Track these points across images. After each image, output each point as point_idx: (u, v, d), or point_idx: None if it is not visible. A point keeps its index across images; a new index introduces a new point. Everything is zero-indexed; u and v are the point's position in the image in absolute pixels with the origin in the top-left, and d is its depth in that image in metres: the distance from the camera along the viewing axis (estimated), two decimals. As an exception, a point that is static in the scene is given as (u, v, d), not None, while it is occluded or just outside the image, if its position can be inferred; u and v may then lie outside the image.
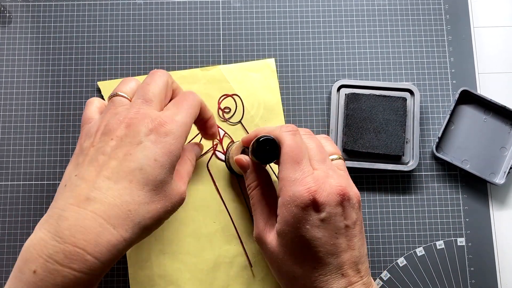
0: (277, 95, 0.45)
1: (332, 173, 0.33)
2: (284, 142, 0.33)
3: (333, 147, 0.36)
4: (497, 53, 0.46)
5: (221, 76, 0.45)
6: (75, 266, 0.27)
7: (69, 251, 0.27)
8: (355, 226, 0.32)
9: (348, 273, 0.31)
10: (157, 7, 0.47)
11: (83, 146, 0.32)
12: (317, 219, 0.31)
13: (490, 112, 0.44)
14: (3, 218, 0.43)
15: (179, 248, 0.41)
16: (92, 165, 0.30)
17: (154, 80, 0.33)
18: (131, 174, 0.29)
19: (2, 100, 0.45)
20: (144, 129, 0.31)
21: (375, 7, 0.47)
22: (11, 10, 0.47)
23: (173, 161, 0.31)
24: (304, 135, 0.35)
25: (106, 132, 0.31)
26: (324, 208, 0.31)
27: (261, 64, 0.45)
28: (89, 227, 0.27)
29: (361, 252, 0.32)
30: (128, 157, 0.30)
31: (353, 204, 0.32)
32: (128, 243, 0.29)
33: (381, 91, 0.44)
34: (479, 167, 0.44)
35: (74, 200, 0.28)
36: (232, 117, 0.44)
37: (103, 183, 0.29)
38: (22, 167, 0.44)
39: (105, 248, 0.28)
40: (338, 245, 0.31)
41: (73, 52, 0.46)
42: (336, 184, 0.32)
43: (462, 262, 0.43)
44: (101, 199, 0.28)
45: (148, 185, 0.30)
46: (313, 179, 0.32)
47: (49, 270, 0.27)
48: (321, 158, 0.34)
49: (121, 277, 0.42)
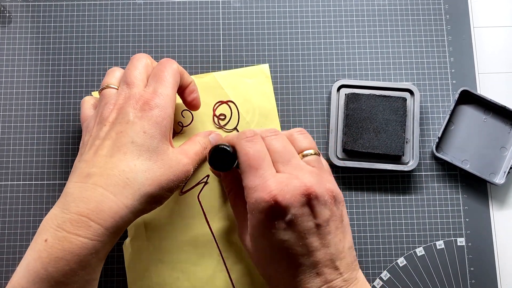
0: (272, 101, 0.44)
1: (297, 173, 0.32)
2: (240, 150, 0.33)
3: (306, 141, 0.35)
4: (497, 53, 0.46)
5: (215, 83, 0.44)
6: (80, 233, 0.30)
7: (74, 219, 0.30)
8: (328, 223, 0.31)
9: (324, 271, 0.30)
10: (157, 7, 0.47)
11: (84, 140, 0.35)
12: (282, 222, 0.30)
13: (490, 112, 0.44)
14: (3, 218, 0.43)
15: (178, 257, 0.41)
16: (91, 149, 0.33)
17: (133, 65, 0.36)
18: (125, 147, 0.33)
19: (2, 100, 0.45)
20: (131, 109, 0.34)
21: (375, 7, 0.47)
22: (11, 10, 0.47)
23: (162, 131, 0.34)
24: (268, 136, 0.34)
25: (101, 121, 0.34)
26: (288, 210, 0.30)
27: (255, 70, 0.45)
28: (91, 196, 0.31)
29: (338, 248, 0.31)
30: (120, 135, 0.33)
31: (324, 201, 0.31)
32: (131, 210, 0.32)
33: (381, 91, 0.44)
34: (479, 167, 0.44)
35: (77, 178, 0.32)
36: (227, 123, 0.44)
37: (100, 159, 0.32)
38: (22, 167, 0.44)
39: (107, 215, 0.30)
40: (308, 245, 0.30)
41: (73, 52, 0.46)
42: (299, 185, 0.31)
43: (462, 262, 0.43)
44: (100, 172, 0.32)
45: (142, 155, 0.33)
46: (274, 183, 0.31)
47: (58, 237, 0.29)
48: (286, 160, 0.33)
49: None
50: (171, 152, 0.35)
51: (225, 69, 0.45)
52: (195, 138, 0.40)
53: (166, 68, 0.36)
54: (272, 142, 0.34)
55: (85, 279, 0.31)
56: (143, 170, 0.32)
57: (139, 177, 0.32)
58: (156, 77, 0.35)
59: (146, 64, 0.37)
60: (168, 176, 0.34)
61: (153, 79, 0.36)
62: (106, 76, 0.38)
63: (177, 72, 0.37)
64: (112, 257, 0.42)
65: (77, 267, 0.30)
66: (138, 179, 0.32)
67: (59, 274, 0.29)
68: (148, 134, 0.33)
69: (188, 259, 0.41)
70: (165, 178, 0.34)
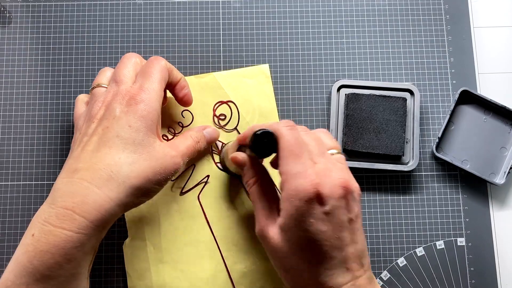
0: (272, 101, 0.44)
1: (332, 167, 0.32)
2: (283, 136, 0.33)
3: (332, 141, 0.36)
4: (497, 53, 0.46)
5: (215, 83, 0.44)
6: (65, 226, 0.30)
7: (60, 213, 0.30)
8: (357, 219, 0.32)
9: (353, 267, 0.31)
10: (157, 7, 0.47)
11: (74, 138, 0.36)
12: (321, 212, 0.30)
13: (490, 112, 0.44)
14: (3, 218, 0.43)
15: (178, 257, 0.41)
16: (79, 146, 0.34)
17: (123, 63, 0.37)
18: (110, 141, 0.33)
19: (2, 100, 0.45)
20: (118, 105, 0.34)
21: (375, 7, 0.47)
22: (11, 10, 0.47)
23: (148, 124, 0.34)
24: (301, 131, 0.35)
25: (89, 119, 0.35)
26: (328, 201, 0.30)
27: (255, 70, 0.45)
28: (76, 190, 0.31)
29: (364, 245, 0.32)
30: (106, 130, 0.34)
31: (355, 197, 0.32)
32: (116, 203, 0.32)
33: (381, 91, 0.44)
34: (479, 167, 0.44)
35: (65, 174, 0.33)
36: (227, 124, 0.44)
37: (86, 154, 0.33)
38: (22, 167, 0.44)
39: (92, 207, 0.31)
40: (342, 239, 0.31)
41: (73, 52, 0.46)
42: (338, 177, 0.31)
43: (462, 262, 0.43)
44: (86, 167, 0.32)
45: (127, 148, 0.33)
46: (314, 172, 0.31)
47: (44, 231, 0.30)
48: (320, 152, 0.33)
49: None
50: (158, 145, 0.35)
51: (225, 69, 0.45)
52: (187, 132, 0.40)
53: (153, 65, 0.36)
54: (305, 136, 0.34)
55: (70, 272, 0.31)
56: (128, 163, 0.33)
57: (124, 170, 0.33)
58: (143, 74, 0.36)
59: (135, 63, 0.37)
60: (155, 168, 0.34)
61: (140, 75, 0.36)
62: (98, 75, 0.39)
63: (165, 68, 0.37)
64: (112, 257, 0.42)
65: (62, 260, 0.30)
66: (123, 172, 0.33)
67: (44, 268, 0.30)
68: (133, 128, 0.34)
69: (188, 259, 0.41)
70: (151, 170, 0.34)
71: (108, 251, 0.42)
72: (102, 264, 0.42)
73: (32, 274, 0.30)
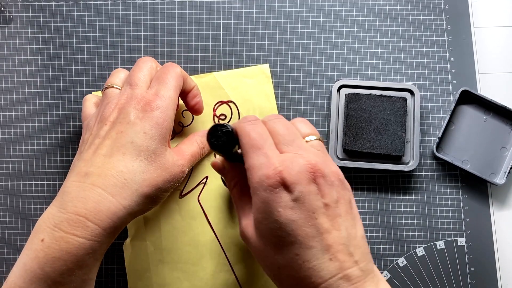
0: (272, 101, 0.44)
1: (302, 152, 0.30)
2: (242, 132, 0.31)
3: (309, 128, 0.34)
4: (497, 53, 0.46)
5: (215, 83, 0.44)
6: (77, 233, 0.30)
7: (72, 219, 0.30)
8: (337, 204, 0.29)
9: (338, 257, 0.28)
10: (157, 7, 0.47)
11: (84, 138, 0.35)
12: (289, 200, 0.28)
13: (490, 112, 0.44)
14: (3, 218, 0.43)
15: (178, 257, 0.41)
16: (90, 148, 0.33)
17: (138, 67, 0.37)
18: (124, 147, 0.33)
19: (2, 100, 0.45)
20: (133, 109, 0.34)
21: (375, 7, 0.47)
22: (11, 10, 0.47)
23: (162, 132, 0.34)
24: (270, 120, 0.33)
25: (101, 120, 0.34)
26: (294, 187, 0.28)
27: (255, 70, 0.45)
28: (89, 197, 0.31)
29: (350, 233, 0.29)
30: (120, 135, 0.33)
31: (331, 181, 0.30)
32: (129, 211, 0.32)
33: (381, 91, 0.44)
34: (479, 167, 0.44)
35: (75, 177, 0.32)
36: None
37: (99, 159, 0.32)
38: (22, 167, 0.44)
39: (105, 215, 0.31)
40: (318, 226, 0.28)
41: (74, 52, 0.46)
42: (304, 162, 0.29)
43: (463, 262, 0.43)
44: (98, 172, 0.32)
45: (140, 156, 0.33)
46: (278, 161, 0.29)
47: (55, 237, 0.30)
48: (289, 140, 0.31)
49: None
50: (168, 153, 0.35)
51: (225, 69, 0.45)
52: (193, 137, 0.40)
53: (169, 71, 0.36)
54: (275, 125, 0.32)
55: (82, 278, 0.31)
56: (140, 171, 0.33)
57: (137, 178, 0.33)
58: (158, 80, 0.36)
59: (151, 67, 0.37)
60: (165, 177, 0.34)
61: (155, 81, 0.36)
62: (111, 76, 0.38)
63: (180, 76, 0.37)
64: (112, 257, 0.42)
65: (74, 266, 0.30)
66: (136, 180, 0.32)
67: (56, 274, 0.29)
68: (148, 135, 0.33)
69: (189, 259, 0.41)
70: (161, 179, 0.34)
71: (108, 251, 0.42)
72: (102, 264, 0.42)
73: (43, 280, 0.29)
